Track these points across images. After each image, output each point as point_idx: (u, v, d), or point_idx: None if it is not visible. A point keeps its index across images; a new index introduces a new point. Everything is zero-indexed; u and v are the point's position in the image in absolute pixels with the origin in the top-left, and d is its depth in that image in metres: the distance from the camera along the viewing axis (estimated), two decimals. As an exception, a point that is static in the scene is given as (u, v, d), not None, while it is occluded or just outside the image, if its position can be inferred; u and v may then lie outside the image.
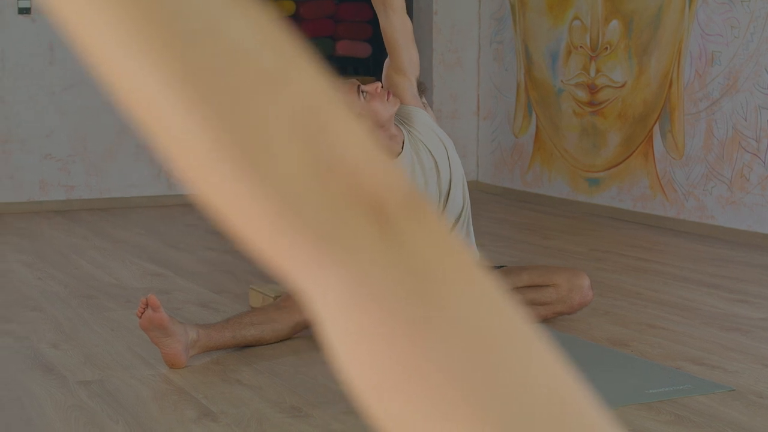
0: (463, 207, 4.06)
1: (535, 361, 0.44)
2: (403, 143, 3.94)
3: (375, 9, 3.97)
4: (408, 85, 4.03)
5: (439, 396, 0.42)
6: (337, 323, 0.43)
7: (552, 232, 6.19)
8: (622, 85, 6.78)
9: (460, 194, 4.05)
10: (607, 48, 6.89)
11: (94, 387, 3.23)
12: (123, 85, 0.41)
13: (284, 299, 3.70)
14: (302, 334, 3.68)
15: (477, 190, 7.86)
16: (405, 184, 0.44)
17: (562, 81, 7.32)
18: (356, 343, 0.42)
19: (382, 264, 0.42)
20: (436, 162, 3.98)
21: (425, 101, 4.16)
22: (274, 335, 3.60)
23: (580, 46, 7.11)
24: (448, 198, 4.00)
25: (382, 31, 3.97)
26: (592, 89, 7.03)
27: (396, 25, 3.94)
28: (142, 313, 3.36)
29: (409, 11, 5.92)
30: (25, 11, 6.81)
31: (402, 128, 3.96)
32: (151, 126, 0.42)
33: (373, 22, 7.81)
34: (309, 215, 0.41)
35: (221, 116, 0.40)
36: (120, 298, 4.37)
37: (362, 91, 3.82)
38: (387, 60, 4.03)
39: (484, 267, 0.45)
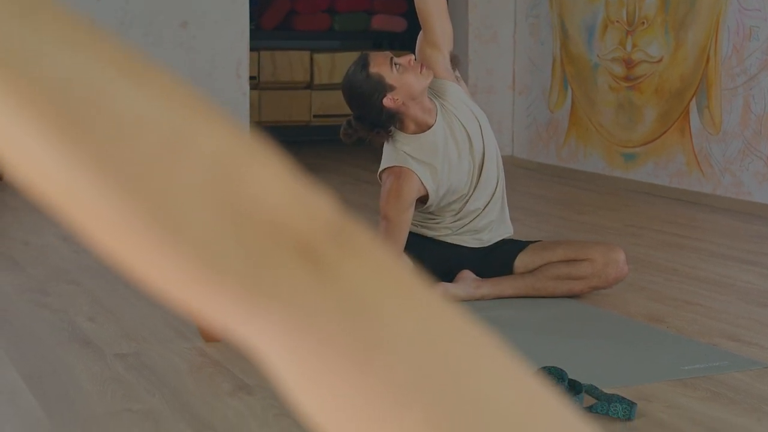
0: (497, 182, 4.04)
1: (495, 374, 0.42)
2: (436, 116, 3.93)
3: (410, -17, 3.95)
4: (441, 58, 4.01)
5: (394, 425, 0.41)
6: (278, 365, 0.42)
7: (587, 208, 6.16)
8: (659, 60, 6.73)
9: (494, 168, 4.03)
10: (643, 22, 6.83)
11: (131, 360, 3.26)
12: (21, 165, 0.40)
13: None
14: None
15: (512, 166, 7.83)
16: (334, 217, 0.42)
17: (598, 56, 7.27)
18: (302, 382, 0.42)
19: (317, 303, 0.41)
20: (468, 135, 3.97)
21: (458, 75, 4.14)
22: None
23: (617, 21, 7.06)
24: (481, 172, 3.99)
25: (415, 4, 3.96)
26: (629, 64, 6.97)
27: (429, -1, 3.92)
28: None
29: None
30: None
31: (435, 101, 3.95)
32: (58, 201, 0.41)
33: (408, -4, 7.77)
34: (234, 268, 0.40)
35: (126, 186, 0.39)
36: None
37: (396, 64, 3.81)
38: (420, 33, 4.02)
39: (425, 282, 0.43)
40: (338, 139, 4.04)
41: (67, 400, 2.90)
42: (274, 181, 0.41)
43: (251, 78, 9.10)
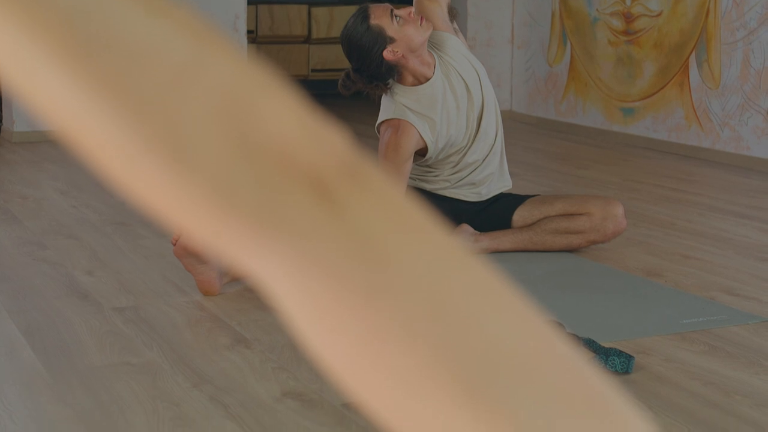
0: (496, 134, 4.03)
1: (502, 316, 0.42)
2: (435, 69, 3.90)
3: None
4: (440, 11, 3.99)
5: (400, 362, 0.41)
6: (287, 300, 0.42)
7: (586, 162, 6.15)
8: (659, 14, 6.68)
9: (493, 121, 4.02)
10: (643, -25, 6.78)
11: (129, 313, 3.26)
12: (36, 93, 0.40)
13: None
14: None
15: (511, 120, 7.81)
16: (346, 153, 0.42)
17: (597, 10, 7.22)
18: (310, 316, 0.41)
19: (325, 236, 0.41)
20: (467, 87, 3.95)
21: (456, 27, 4.12)
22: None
23: (617, -26, 7.00)
24: (480, 124, 3.98)
25: (415, -44, 3.93)
26: (628, 18, 6.93)
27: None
28: (176, 241, 3.37)
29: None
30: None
31: (434, 54, 3.92)
32: (70, 131, 0.41)
33: (407, -51, 7.72)
34: (245, 199, 0.40)
35: (138, 115, 0.39)
36: (154, 225, 4.39)
37: (396, 16, 3.79)
38: (419, -14, 3.99)
39: (435, 223, 0.43)
40: (336, 93, 4.02)
41: (66, 354, 2.90)
42: (287, 113, 0.41)
43: (249, 32, 9.04)
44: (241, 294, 3.44)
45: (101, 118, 0.39)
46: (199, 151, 0.40)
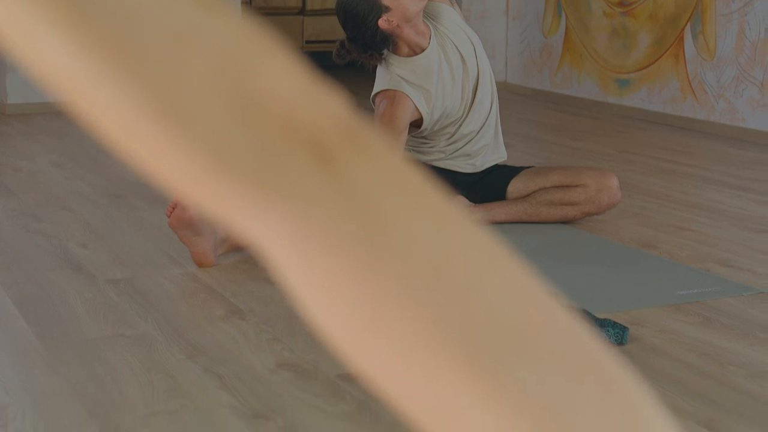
0: (491, 104, 4.02)
1: (503, 282, 0.42)
2: (430, 39, 3.89)
3: None
4: (435, -19, 3.97)
5: (400, 329, 0.40)
6: (286, 264, 0.41)
7: (581, 134, 6.14)
8: (655, -15, 6.66)
9: (488, 92, 4.00)
10: (639, -54, 6.75)
11: (123, 285, 3.26)
12: (34, 56, 0.39)
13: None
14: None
15: (506, 91, 7.79)
16: (346, 116, 0.42)
17: (593, -20, 7.19)
18: (309, 282, 0.41)
19: (326, 200, 0.40)
20: (462, 57, 3.93)
21: (452, -2, 4.10)
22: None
23: (612, -56, 6.97)
24: (475, 95, 3.96)
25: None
26: (624, -11, 6.90)
27: None
28: (171, 212, 3.37)
29: None
30: None
31: (429, 24, 3.91)
32: (69, 94, 0.40)
33: None
34: (244, 162, 0.40)
35: (135, 78, 0.39)
36: (148, 197, 4.38)
37: (392, -14, 3.77)
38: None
39: (438, 190, 0.42)
40: (331, 65, 4.00)
41: (60, 326, 2.90)
42: (286, 76, 0.40)
43: (243, 3, 9.00)
44: (236, 265, 3.44)
45: (101, 83, 0.39)
46: (199, 115, 0.39)
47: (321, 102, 0.41)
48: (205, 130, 0.39)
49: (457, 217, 0.42)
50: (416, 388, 0.41)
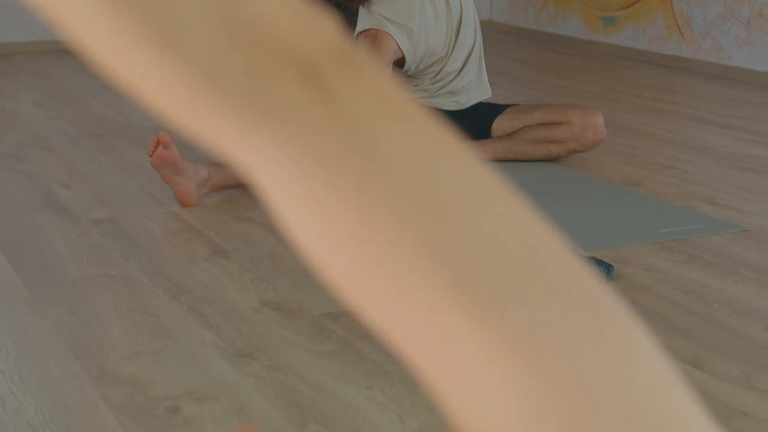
0: (474, 43, 3.98)
1: (497, 211, 0.40)
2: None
3: None
4: None
5: (392, 257, 0.39)
6: (275, 189, 0.40)
7: (566, 72, 6.11)
8: None
9: (471, 30, 3.96)
10: None
11: (106, 225, 3.24)
12: None
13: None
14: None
15: (490, 30, 7.73)
16: (338, 37, 0.40)
17: None
18: (297, 207, 0.40)
19: (318, 124, 0.39)
20: (445, -5, 3.89)
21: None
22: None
23: None
24: (458, 34, 3.93)
25: None
26: (610, -75, 6.83)
27: None
28: (154, 151, 3.34)
29: None
30: None
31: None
32: (55, 12, 0.39)
33: None
34: (233, 83, 0.38)
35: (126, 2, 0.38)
36: (131, 137, 4.35)
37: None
38: None
39: (434, 117, 0.41)
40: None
41: (43, 266, 2.88)
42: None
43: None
44: (219, 205, 3.42)
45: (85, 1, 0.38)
46: (186, 35, 0.38)
47: (312, 24, 0.40)
48: (193, 51, 0.38)
49: (451, 143, 0.41)
50: (407, 319, 0.40)
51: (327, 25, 0.40)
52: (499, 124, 3.96)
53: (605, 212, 3.36)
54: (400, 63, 3.86)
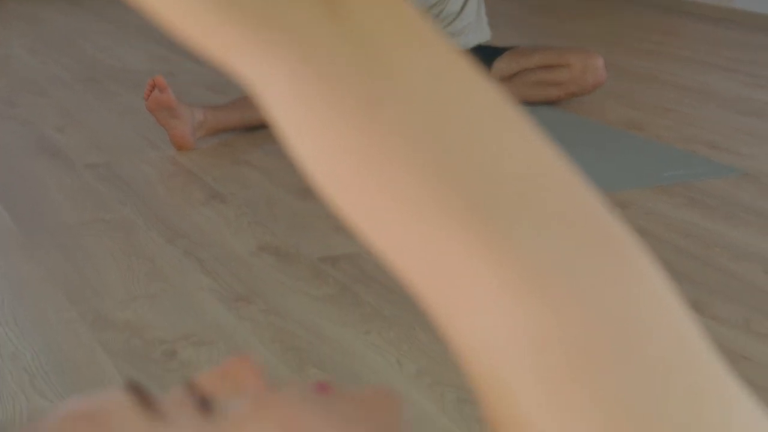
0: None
1: (509, 136, 0.40)
2: None
3: None
4: None
5: (401, 181, 0.38)
6: (285, 109, 0.39)
7: (566, 14, 6.04)
8: None
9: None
10: None
11: (101, 170, 3.21)
12: None
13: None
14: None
15: (489, -26, 7.65)
16: None
17: None
18: (307, 130, 0.39)
19: (328, 40, 0.38)
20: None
21: None
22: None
23: None
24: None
25: None
26: None
27: None
28: (149, 95, 3.30)
29: None
30: None
31: None
32: None
33: None
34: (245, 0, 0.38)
35: None
36: (125, 81, 4.31)
37: None
38: None
39: (445, 37, 0.40)
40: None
41: (38, 212, 2.86)
42: None
43: None
44: (216, 149, 3.39)
45: None
46: None
47: None
48: None
49: (465, 67, 0.40)
50: (416, 247, 0.39)
51: None
52: (498, 67, 3.92)
53: (605, 156, 3.33)
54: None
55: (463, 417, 1.85)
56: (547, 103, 3.90)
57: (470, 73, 0.40)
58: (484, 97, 0.40)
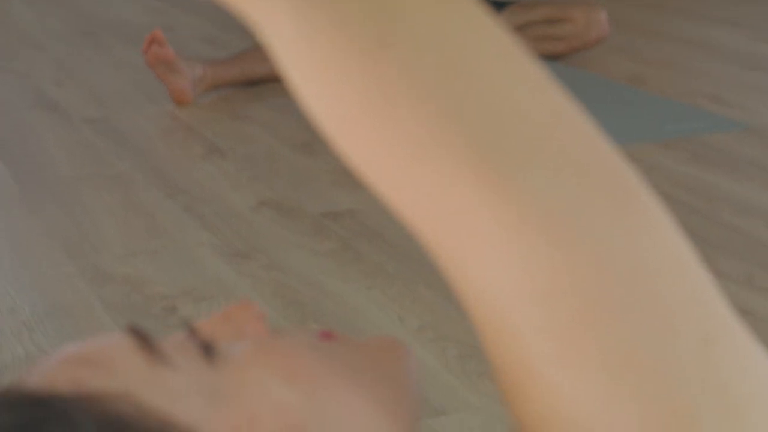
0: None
1: (518, 79, 0.39)
2: None
3: None
4: None
5: (408, 124, 0.37)
6: (291, 50, 0.39)
7: (568, -30, 5.99)
8: None
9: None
10: None
11: (100, 125, 3.18)
12: None
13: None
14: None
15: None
16: None
17: None
18: (312, 71, 0.38)
19: None
20: None
21: None
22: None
23: None
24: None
25: None
26: None
27: None
28: (148, 49, 3.27)
29: None
30: None
31: None
32: None
33: None
34: None
35: None
36: (123, 35, 4.27)
37: None
38: None
39: None
40: None
41: (36, 166, 2.84)
42: None
43: None
44: (215, 103, 3.36)
45: None
46: None
47: None
48: None
49: (471, 8, 0.39)
50: (423, 192, 0.39)
51: None
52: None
53: (608, 110, 3.31)
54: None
55: (465, 372, 1.84)
56: (549, 57, 3.87)
57: (479, 16, 0.39)
58: (493, 41, 0.39)
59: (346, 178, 2.68)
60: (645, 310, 0.38)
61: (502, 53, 0.39)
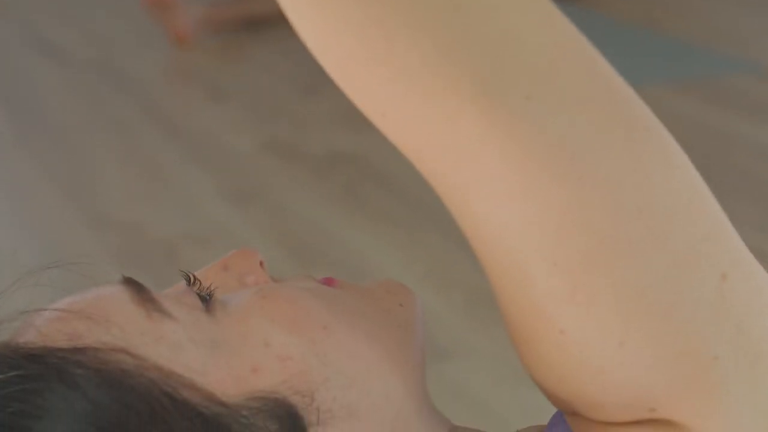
0: None
1: (526, 9, 0.38)
2: None
3: None
4: None
5: (410, 57, 0.36)
6: None
7: None
8: None
9: None
10: None
11: (99, 67, 3.16)
12: None
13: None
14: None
15: None
16: None
17: None
18: (313, 14, 0.38)
19: None
20: None
21: None
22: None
23: None
24: None
25: None
26: None
27: None
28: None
29: None
30: None
31: None
32: None
33: None
34: None
35: None
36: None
37: None
38: None
39: None
40: None
41: (34, 110, 2.80)
42: None
43: None
44: (217, 46, 3.31)
45: None
46: None
47: None
48: None
49: None
50: (428, 128, 0.37)
51: None
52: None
53: (620, 52, 3.24)
54: None
55: (470, 318, 1.81)
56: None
57: None
58: None
59: (350, 120, 2.63)
60: (658, 248, 0.37)
61: None
